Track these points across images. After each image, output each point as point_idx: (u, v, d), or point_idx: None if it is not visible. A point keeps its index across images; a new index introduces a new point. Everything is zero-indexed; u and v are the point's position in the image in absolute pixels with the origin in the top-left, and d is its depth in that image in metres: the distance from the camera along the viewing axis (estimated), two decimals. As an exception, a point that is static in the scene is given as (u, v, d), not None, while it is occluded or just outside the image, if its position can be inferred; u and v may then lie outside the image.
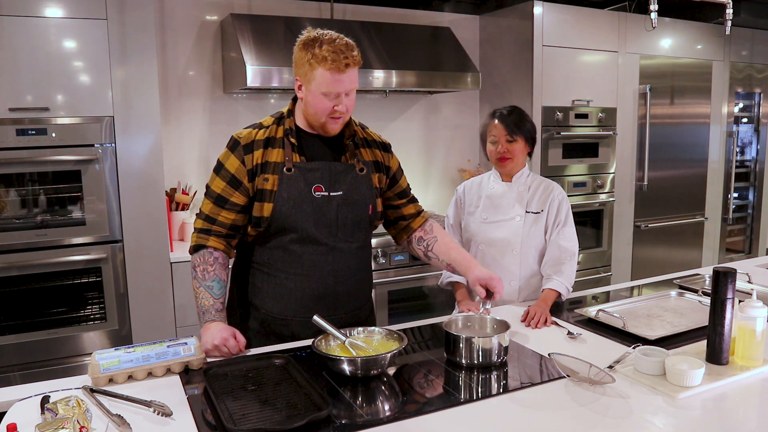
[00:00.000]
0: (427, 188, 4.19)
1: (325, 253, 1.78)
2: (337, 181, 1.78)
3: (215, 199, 1.76)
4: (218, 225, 1.76)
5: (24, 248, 2.71)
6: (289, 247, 1.77)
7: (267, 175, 1.73)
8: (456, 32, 3.86)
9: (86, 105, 2.75)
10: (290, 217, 1.73)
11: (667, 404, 1.39)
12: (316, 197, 1.75)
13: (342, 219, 1.78)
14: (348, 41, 1.69)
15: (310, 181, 1.75)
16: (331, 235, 1.78)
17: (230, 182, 1.74)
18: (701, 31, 4.39)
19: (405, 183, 2.03)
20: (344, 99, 1.70)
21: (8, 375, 2.70)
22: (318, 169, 1.76)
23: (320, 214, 1.75)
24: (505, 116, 2.16)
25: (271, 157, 1.75)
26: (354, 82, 1.71)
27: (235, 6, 3.49)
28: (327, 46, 1.65)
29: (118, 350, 1.54)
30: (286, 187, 1.73)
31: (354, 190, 1.80)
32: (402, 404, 1.43)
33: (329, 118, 1.72)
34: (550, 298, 2.07)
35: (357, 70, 1.71)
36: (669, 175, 4.39)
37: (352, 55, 1.66)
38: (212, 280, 1.75)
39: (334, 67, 1.64)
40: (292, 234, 1.75)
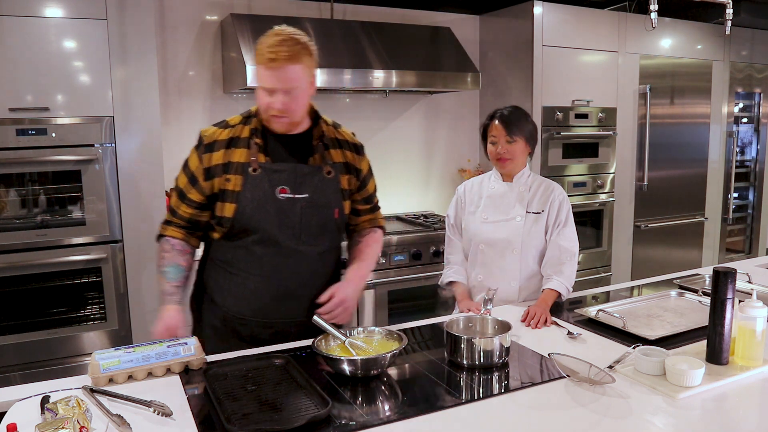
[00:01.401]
0: (427, 188, 4.19)
1: (286, 255, 1.75)
2: (303, 183, 1.75)
3: (178, 193, 1.80)
4: (178, 217, 1.80)
5: (24, 248, 2.70)
6: (251, 247, 1.75)
7: (230, 176, 1.72)
8: (456, 32, 3.86)
9: (86, 105, 2.75)
10: (253, 218, 1.72)
11: (667, 404, 1.39)
12: (280, 199, 1.72)
13: (306, 222, 1.76)
14: (291, 37, 1.64)
15: (275, 183, 1.72)
16: (294, 238, 1.75)
17: (190, 179, 1.77)
18: (701, 31, 4.39)
19: (373, 188, 1.99)
20: (282, 97, 1.65)
21: (8, 375, 2.70)
22: (284, 170, 1.74)
23: (284, 216, 1.73)
24: (505, 116, 2.16)
25: (234, 157, 1.73)
26: (291, 80, 1.64)
27: (235, 6, 3.49)
28: (267, 40, 1.63)
29: (118, 350, 1.54)
30: (250, 188, 1.71)
31: (320, 193, 1.77)
32: (402, 404, 1.43)
33: (270, 116, 1.70)
34: (550, 298, 2.07)
35: (298, 68, 1.64)
36: (669, 175, 4.39)
37: (281, 51, 1.60)
38: (167, 266, 1.75)
39: (262, 62, 1.62)
40: (254, 235, 1.74)
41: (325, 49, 3.30)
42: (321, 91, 3.67)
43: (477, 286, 2.26)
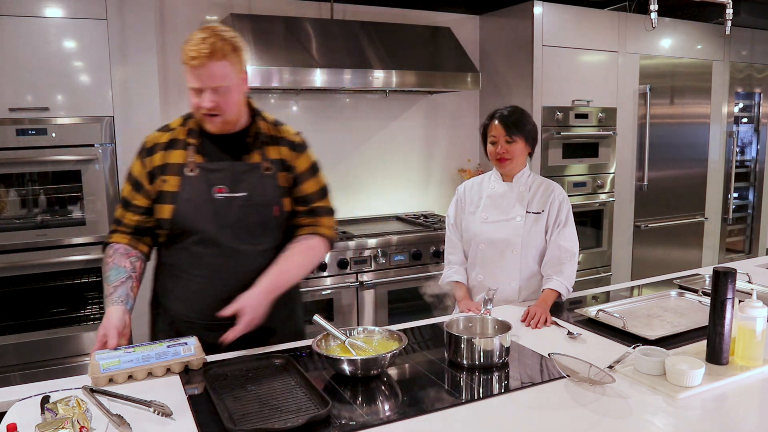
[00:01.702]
0: (427, 188, 4.19)
1: (226, 255, 1.73)
2: (241, 182, 1.73)
3: (122, 203, 1.78)
4: (123, 226, 1.78)
5: (24, 248, 2.71)
6: (192, 248, 1.74)
7: (166, 177, 1.71)
8: (456, 32, 3.86)
9: (86, 105, 2.75)
10: (189, 219, 1.71)
11: (667, 404, 1.39)
12: (218, 198, 1.71)
13: (245, 220, 1.73)
14: (214, 33, 1.61)
15: (212, 182, 1.71)
16: (233, 237, 1.73)
17: (133, 185, 1.75)
18: (701, 31, 4.39)
19: (311, 189, 1.85)
20: (210, 95, 1.63)
21: (8, 375, 2.70)
22: (221, 169, 1.72)
23: (221, 216, 1.71)
24: (505, 117, 2.16)
25: (171, 159, 1.72)
26: (216, 77, 1.61)
27: (235, 6, 3.49)
28: (194, 37, 1.61)
29: (118, 350, 1.54)
30: (187, 189, 1.70)
31: (258, 191, 1.74)
32: (402, 404, 1.43)
33: (202, 115, 1.68)
34: (550, 298, 2.07)
35: (223, 64, 1.61)
36: (669, 175, 4.39)
37: (201, 49, 1.58)
38: (109, 270, 1.71)
39: (185, 61, 1.61)
40: (193, 236, 1.72)
41: (325, 49, 3.30)
42: (321, 91, 3.67)
43: (477, 286, 2.26)
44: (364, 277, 3.23)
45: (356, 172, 3.92)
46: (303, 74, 3.12)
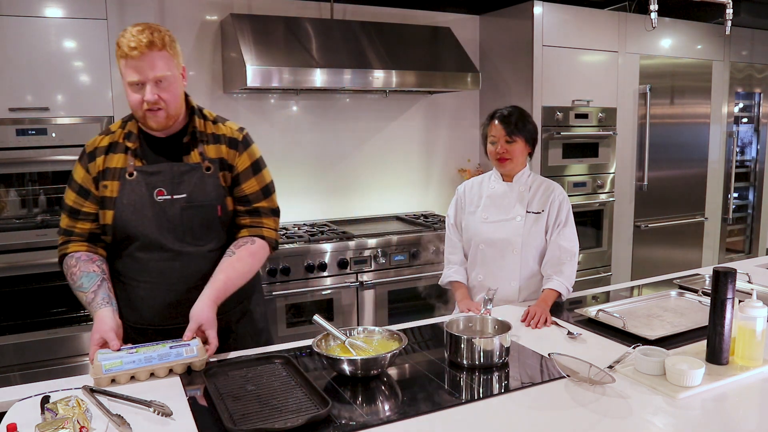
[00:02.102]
0: (427, 188, 4.19)
1: (171, 258, 1.70)
2: (181, 183, 1.69)
3: (69, 212, 1.73)
4: (76, 236, 1.73)
5: (24, 248, 2.70)
6: (135, 254, 1.71)
7: (107, 182, 1.68)
8: (456, 32, 3.86)
9: (86, 105, 2.75)
10: (131, 224, 1.67)
11: (667, 404, 1.39)
12: (158, 201, 1.67)
13: (188, 222, 1.70)
14: (149, 26, 1.59)
15: (153, 185, 1.68)
16: (177, 240, 1.70)
17: (79, 192, 1.71)
18: (701, 31, 4.39)
19: (252, 189, 1.79)
20: (153, 88, 1.59)
21: (8, 375, 2.70)
22: (160, 171, 1.69)
23: (163, 219, 1.68)
24: (505, 117, 2.16)
25: (111, 163, 1.69)
26: (158, 67, 1.58)
27: (235, 6, 3.49)
28: (127, 31, 1.58)
29: (120, 350, 1.53)
30: (127, 193, 1.67)
31: (199, 192, 1.71)
32: (402, 404, 1.43)
33: (146, 111, 1.62)
34: (551, 298, 2.07)
35: (163, 54, 1.59)
36: (669, 175, 4.39)
37: (140, 39, 1.55)
38: (80, 279, 1.67)
39: (125, 54, 1.56)
40: (136, 241, 1.69)
41: (325, 49, 3.30)
42: (321, 91, 3.67)
43: (477, 286, 2.26)
44: (364, 277, 3.23)
45: (356, 172, 3.93)
46: (303, 74, 3.12)
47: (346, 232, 3.37)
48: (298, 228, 3.49)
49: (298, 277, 3.08)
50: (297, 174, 3.72)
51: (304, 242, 3.14)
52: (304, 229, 3.46)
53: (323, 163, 3.83)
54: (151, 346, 1.55)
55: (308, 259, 3.09)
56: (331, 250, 3.15)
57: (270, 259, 2.98)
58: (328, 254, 3.14)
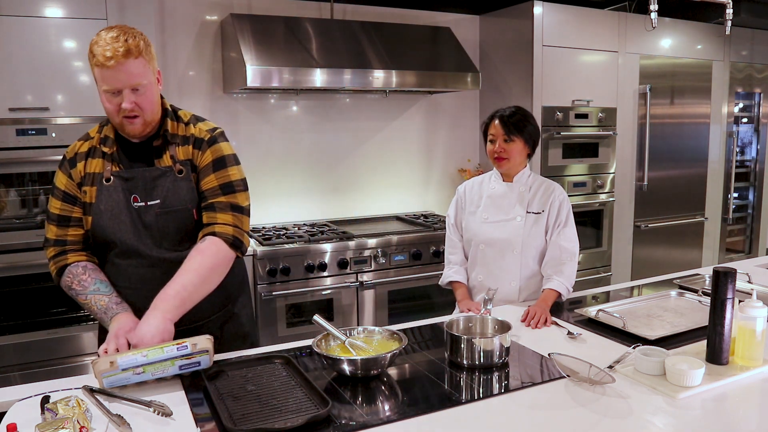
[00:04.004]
0: (427, 188, 4.19)
1: (150, 265, 1.66)
2: (154, 188, 1.66)
3: (57, 222, 1.68)
4: (70, 244, 1.69)
5: (24, 248, 2.70)
6: (115, 261, 1.68)
7: (86, 188, 1.66)
8: (456, 32, 3.86)
9: (86, 105, 2.75)
10: (108, 230, 1.64)
11: (667, 404, 1.39)
12: (135, 207, 1.65)
13: (164, 228, 1.66)
14: (124, 31, 1.55)
15: (129, 191, 1.65)
16: (155, 246, 1.66)
17: (64, 199, 1.67)
18: (701, 31, 4.39)
19: (209, 185, 1.71)
20: (129, 95, 1.57)
21: (8, 375, 2.70)
22: (134, 177, 1.66)
23: (140, 225, 1.65)
24: (506, 116, 2.16)
25: (90, 168, 1.67)
26: (135, 76, 1.56)
27: (235, 6, 3.49)
28: (101, 39, 1.54)
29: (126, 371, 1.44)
30: (104, 199, 1.64)
31: (172, 196, 1.67)
32: (402, 404, 1.43)
33: (123, 118, 1.60)
34: (551, 298, 2.07)
35: (139, 62, 1.55)
36: (669, 175, 4.39)
37: (116, 47, 1.51)
38: (94, 284, 1.64)
39: (101, 63, 1.53)
40: (114, 248, 1.66)
41: (325, 49, 3.30)
42: (321, 91, 3.67)
43: (477, 286, 2.26)
44: (364, 277, 3.23)
45: (356, 172, 3.93)
46: (303, 74, 3.12)
47: (346, 232, 3.37)
48: (298, 228, 3.49)
49: (298, 277, 3.08)
50: (297, 174, 3.72)
51: (304, 242, 3.14)
52: (304, 229, 3.46)
53: (323, 163, 3.83)
54: (159, 364, 1.46)
55: (308, 259, 3.09)
56: (331, 250, 3.15)
57: (270, 259, 2.98)
58: (328, 254, 3.14)
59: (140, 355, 1.45)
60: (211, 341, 1.54)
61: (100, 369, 1.43)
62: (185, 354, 1.49)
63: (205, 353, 1.52)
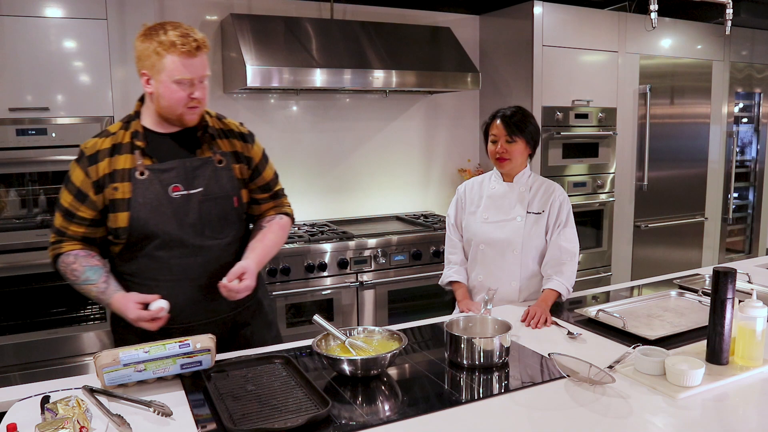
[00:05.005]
0: (427, 188, 4.19)
1: (192, 254, 1.70)
2: (196, 177, 1.71)
3: (63, 213, 1.70)
4: (68, 238, 1.71)
5: (24, 248, 2.70)
6: (155, 253, 1.69)
7: (116, 184, 1.66)
8: (456, 32, 3.86)
9: (86, 105, 2.75)
10: (149, 223, 1.66)
11: (667, 404, 1.39)
12: (175, 197, 1.68)
13: (206, 216, 1.71)
14: (189, 28, 1.64)
15: (166, 182, 1.68)
16: (197, 235, 1.70)
17: (76, 196, 1.68)
18: (701, 31, 4.39)
19: (270, 175, 1.91)
20: (200, 86, 1.65)
21: (8, 375, 2.70)
22: (173, 168, 1.69)
23: (182, 215, 1.68)
24: (507, 117, 2.16)
25: (119, 165, 1.67)
26: (206, 67, 1.66)
27: (235, 6, 3.49)
28: (173, 31, 1.60)
29: (127, 367, 1.44)
30: (141, 192, 1.66)
31: (215, 184, 1.73)
32: (402, 404, 1.43)
33: (186, 108, 1.66)
34: (551, 298, 2.07)
35: (205, 57, 1.65)
36: (669, 175, 4.39)
37: (199, 38, 1.61)
38: (84, 273, 1.66)
39: (185, 51, 1.58)
40: (155, 240, 1.68)
41: (325, 49, 3.30)
42: (321, 91, 3.67)
43: (477, 286, 2.26)
44: (364, 277, 3.23)
45: (356, 172, 3.92)
46: (303, 74, 3.12)
47: (346, 232, 3.37)
48: (298, 228, 3.49)
49: (298, 277, 3.08)
50: (297, 174, 3.72)
51: (304, 242, 3.14)
52: (304, 229, 3.46)
53: (323, 163, 3.82)
54: (161, 361, 1.47)
55: (308, 259, 3.09)
56: (331, 250, 3.15)
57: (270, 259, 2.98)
58: (328, 254, 3.14)
59: (142, 351, 1.46)
60: (213, 341, 1.55)
61: (102, 364, 1.43)
62: (187, 352, 1.50)
63: (207, 353, 1.52)
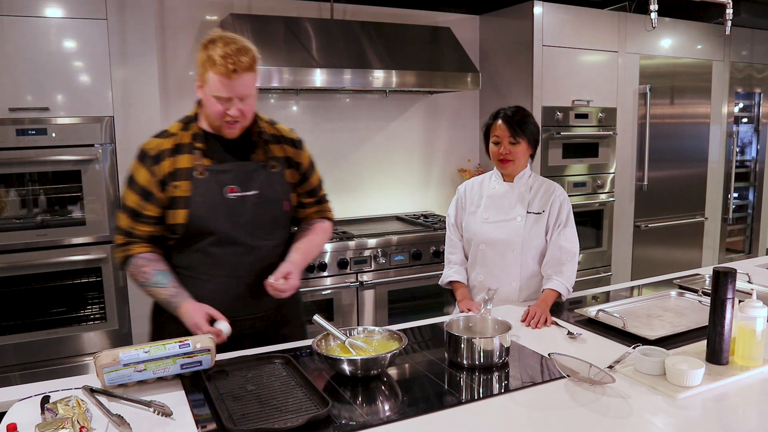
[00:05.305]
0: (427, 188, 4.19)
1: (243, 253, 1.78)
2: (250, 180, 1.78)
3: (130, 214, 1.76)
4: (136, 237, 1.77)
5: (24, 248, 2.70)
6: (208, 249, 1.77)
7: (177, 183, 1.73)
8: (456, 32, 3.86)
9: (86, 105, 2.75)
10: (206, 221, 1.73)
11: (667, 404, 1.39)
12: (230, 198, 1.75)
13: (258, 218, 1.79)
14: (243, 46, 1.66)
15: (223, 183, 1.75)
16: (248, 235, 1.78)
17: (142, 195, 1.73)
18: (701, 31, 4.39)
19: (316, 181, 1.99)
20: (237, 104, 1.68)
21: (8, 375, 2.70)
22: (230, 170, 1.77)
23: (236, 215, 1.76)
24: (510, 117, 2.15)
25: (180, 164, 1.74)
26: (248, 87, 1.69)
27: (235, 6, 3.49)
28: (222, 48, 1.63)
29: (127, 367, 1.44)
30: (199, 191, 1.73)
31: (268, 188, 1.81)
32: (402, 404, 1.43)
33: (224, 122, 1.72)
34: (550, 299, 2.07)
35: (252, 76, 1.68)
36: (669, 175, 4.39)
37: (240, 61, 1.63)
38: (154, 277, 1.73)
39: (222, 72, 1.63)
40: (209, 237, 1.75)
41: (325, 49, 3.30)
42: (321, 91, 3.67)
43: (477, 286, 2.26)
44: (364, 277, 3.23)
45: (356, 172, 3.92)
46: (303, 74, 3.12)
47: (346, 232, 3.36)
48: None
49: (298, 277, 3.08)
50: (297, 174, 3.72)
51: (304, 242, 3.14)
52: (304, 229, 3.46)
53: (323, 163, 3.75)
54: (161, 361, 1.48)
55: (308, 259, 3.09)
56: (331, 250, 3.15)
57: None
58: (328, 254, 3.14)
59: (142, 351, 1.46)
60: (213, 341, 1.56)
61: (102, 364, 1.43)
62: (187, 352, 1.50)
63: (207, 353, 1.53)
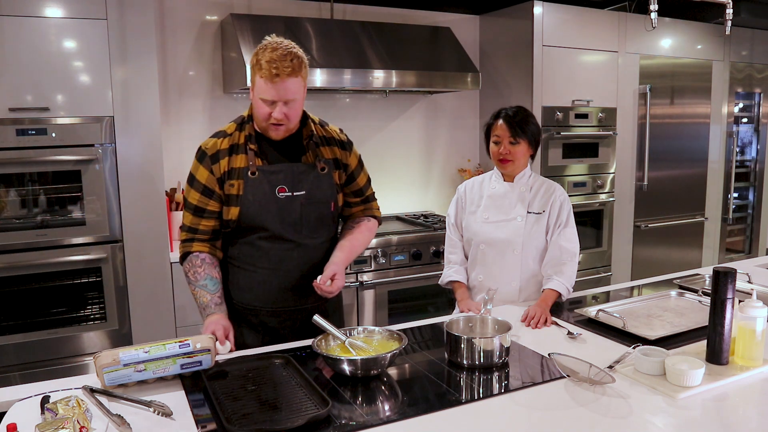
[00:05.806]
0: (427, 188, 4.19)
1: (291, 249, 1.86)
2: (300, 181, 1.85)
3: (193, 211, 1.85)
4: (200, 233, 1.86)
5: (24, 248, 2.70)
6: (257, 243, 1.85)
7: (233, 181, 1.81)
8: (456, 32, 3.86)
9: (86, 105, 2.75)
10: (257, 218, 1.82)
11: (667, 404, 1.39)
12: (281, 198, 1.82)
13: (306, 217, 1.86)
14: (290, 51, 1.71)
15: (274, 183, 1.82)
16: (296, 233, 1.85)
17: (203, 192, 1.83)
18: (701, 31, 4.39)
19: (363, 181, 2.05)
20: (282, 107, 1.73)
21: (8, 375, 2.70)
22: (281, 171, 1.84)
23: (285, 214, 1.83)
24: (510, 117, 2.15)
25: (235, 164, 1.82)
26: (293, 92, 1.73)
27: (235, 6, 3.49)
28: (267, 54, 1.69)
29: (127, 367, 1.45)
30: (252, 190, 1.81)
31: (316, 189, 1.87)
32: (402, 404, 1.43)
33: (269, 124, 1.78)
34: (551, 299, 2.07)
35: (296, 80, 1.72)
36: (669, 175, 4.39)
37: (283, 66, 1.68)
38: (204, 279, 1.83)
39: (266, 76, 1.69)
40: (260, 232, 1.84)
41: (325, 49, 3.30)
42: (321, 91, 3.67)
43: (477, 286, 2.26)
44: (364, 277, 3.23)
45: (356, 172, 3.92)
46: (303, 74, 3.12)
47: (346, 232, 3.36)
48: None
49: (298, 277, 3.08)
50: (297, 174, 3.72)
51: (304, 242, 3.14)
52: (304, 229, 3.46)
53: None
54: (161, 361, 1.48)
55: (308, 259, 3.09)
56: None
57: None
58: (328, 254, 3.13)
59: (142, 351, 1.46)
60: (213, 340, 1.57)
61: (102, 364, 1.43)
62: (187, 352, 1.50)
63: (207, 353, 1.53)
